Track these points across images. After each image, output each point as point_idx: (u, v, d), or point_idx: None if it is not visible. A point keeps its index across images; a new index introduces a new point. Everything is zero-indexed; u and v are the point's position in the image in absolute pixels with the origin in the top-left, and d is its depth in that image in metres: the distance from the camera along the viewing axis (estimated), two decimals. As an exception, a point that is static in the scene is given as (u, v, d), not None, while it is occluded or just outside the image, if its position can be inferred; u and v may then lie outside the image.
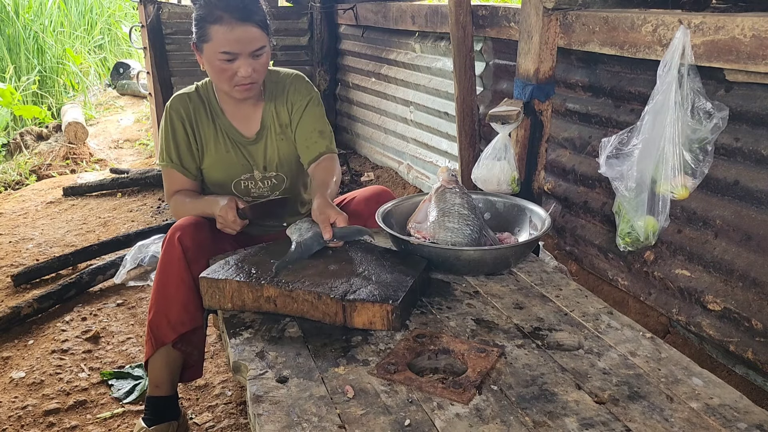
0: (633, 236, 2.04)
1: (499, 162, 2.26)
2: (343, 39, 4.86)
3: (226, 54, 1.72)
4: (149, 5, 4.31)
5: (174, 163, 1.89)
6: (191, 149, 1.90)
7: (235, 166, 1.93)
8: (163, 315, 1.70)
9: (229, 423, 2.02)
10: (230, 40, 1.71)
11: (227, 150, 1.92)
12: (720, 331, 1.99)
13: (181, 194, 1.90)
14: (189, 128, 1.89)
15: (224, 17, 1.70)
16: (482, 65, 3.23)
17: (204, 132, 1.90)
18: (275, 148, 1.95)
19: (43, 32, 7.12)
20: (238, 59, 1.74)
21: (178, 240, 1.69)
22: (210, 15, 1.71)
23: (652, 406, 1.14)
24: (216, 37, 1.71)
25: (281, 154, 1.96)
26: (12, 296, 2.90)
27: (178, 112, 1.88)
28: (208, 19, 1.72)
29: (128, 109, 7.29)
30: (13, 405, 2.12)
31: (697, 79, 1.82)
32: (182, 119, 1.88)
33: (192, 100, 1.90)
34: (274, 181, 1.98)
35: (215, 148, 1.91)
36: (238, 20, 1.71)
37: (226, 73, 1.76)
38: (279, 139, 1.95)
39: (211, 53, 1.74)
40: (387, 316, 1.37)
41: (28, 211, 4.11)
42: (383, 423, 1.09)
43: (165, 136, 1.89)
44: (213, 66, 1.76)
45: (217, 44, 1.72)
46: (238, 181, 1.95)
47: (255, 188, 1.97)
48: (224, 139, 1.91)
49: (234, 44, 1.71)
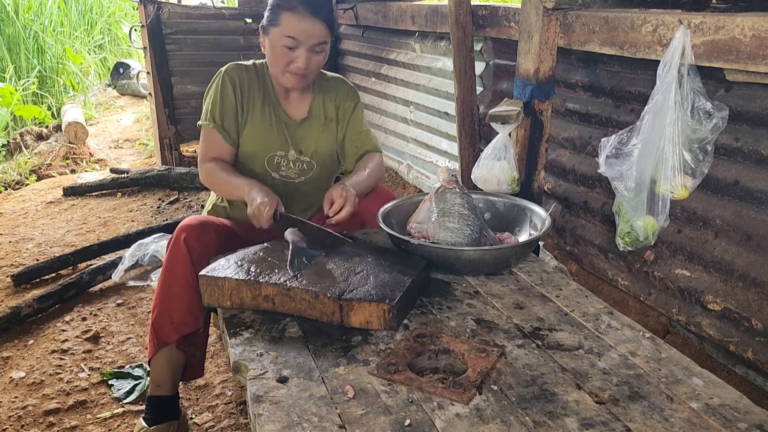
0: (633, 236, 2.04)
1: (499, 162, 2.26)
2: (343, 39, 4.86)
3: (290, 39, 1.81)
4: (149, 5, 4.31)
5: (216, 124, 1.92)
6: (236, 115, 1.95)
7: (274, 141, 1.97)
8: (166, 315, 1.71)
9: (229, 423, 2.02)
10: (296, 28, 1.80)
11: (270, 124, 1.97)
12: (720, 331, 1.99)
13: (216, 163, 1.93)
14: (239, 94, 1.94)
15: (298, 7, 1.80)
16: (482, 65, 3.23)
17: (253, 102, 1.96)
18: (315, 137, 2.01)
19: (43, 32, 7.12)
20: (299, 48, 1.82)
21: (184, 241, 1.69)
22: (286, 2, 1.81)
23: (652, 406, 1.14)
24: (285, 23, 1.80)
25: (319, 144, 2.02)
26: (12, 296, 2.90)
27: (232, 78, 1.94)
28: (283, 6, 1.81)
29: (128, 109, 7.30)
30: (13, 405, 2.12)
31: (697, 79, 1.82)
32: (234, 84, 1.94)
33: (248, 71, 1.97)
34: (305, 166, 2.02)
35: (260, 119, 1.96)
36: (309, 13, 1.80)
37: (283, 59, 1.84)
38: (321, 129, 2.03)
39: (276, 37, 1.82)
40: (384, 315, 1.37)
41: (28, 211, 4.11)
42: (383, 423, 1.09)
43: (213, 98, 1.94)
44: (274, 49, 1.84)
45: (284, 29, 1.81)
46: (272, 156, 1.98)
47: (285, 167, 2.00)
48: (270, 115, 1.97)
49: (299, 33, 1.80)
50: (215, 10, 4.68)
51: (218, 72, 1.97)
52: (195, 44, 4.57)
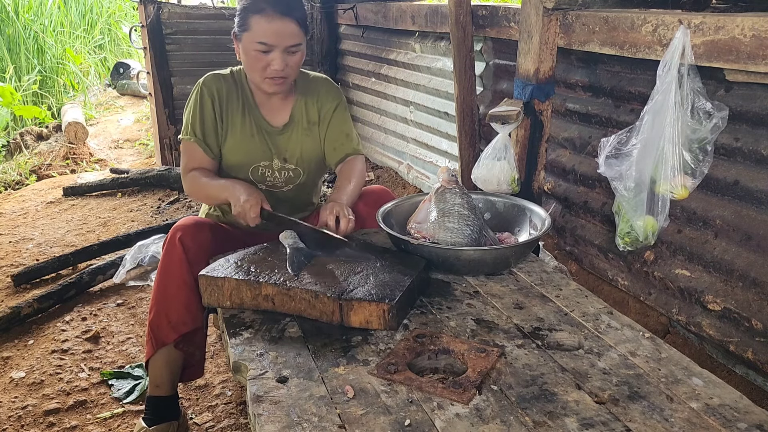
0: (632, 236, 2.04)
1: (499, 162, 2.26)
2: (343, 39, 4.86)
3: (262, 44, 1.76)
4: (149, 5, 4.31)
5: (197, 138, 1.89)
6: (216, 128, 1.91)
7: (257, 151, 1.94)
8: (163, 315, 1.70)
9: (229, 423, 2.02)
10: (268, 31, 1.75)
11: (252, 135, 1.93)
12: (720, 331, 1.99)
13: (198, 171, 1.90)
14: (218, 107, 1.91)
15: (267, 9, 1.75)
16: (482, 65, 3.23)
17: (232, 113, 1.92)
18: (299, 143, 1.97)
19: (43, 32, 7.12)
20: (273, 51, 1.78)
21: (179, 240, 1.69)
22: (253, 5, 1.76)
23: (652, 406, 1.14)
24: (255, 27, 1.76)
25: (304, 149, 1.98)
26: (12, 296, 2.90)
27: (209, 89, 1.90)
28: (251, 9, 1.77)
29: (128, 109, 7.30)
30: (13, 405, 2.12)
31: (697, 79, 1.82)
32: (213, 97, 1.90)
33: (226, 81, 1.93)
34: (291, 174, 1.98)
35: (240, 131, 1.92)
36: (279, 13, 1.76)
37: (259, 64, 1.79)
38: (305, 134, 1.98)
39: (249, 42, 1.78)
40: (383, 315, 1.37)
41: (28, 211, 4.11)
42: (383, 423, 1.09)
43: (192, 111, 1.91)
44: (248, 55, 1.80)
45: (255, 34, 1.76)
46: (256, 167, 1.95)
47: (271, 177, 1.97)
48: (251, 125, 1.93)
49: (271, 36, 1.76)
50: (215, 10, 4.68)
51: (196, 84, 1.93)
52: (195, 44, 4.57)
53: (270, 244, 1.69)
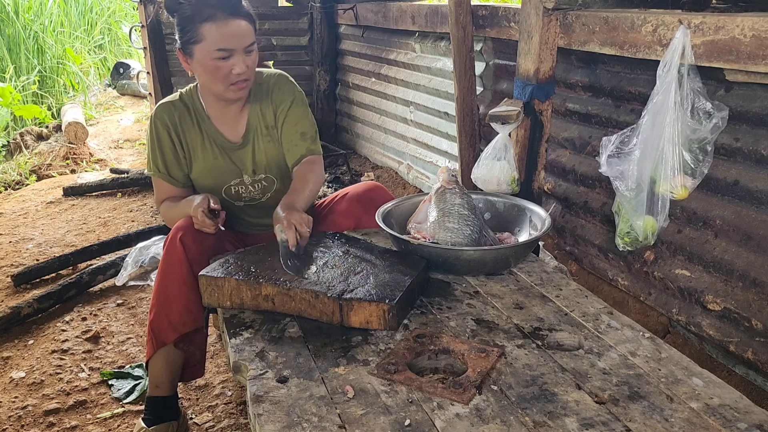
0: (632, 236, 2.04)
1: (499, 162, 2.26)
2: (343, 39, 4.86)
3: (222, 51, 1.69)
4: (149, 5, 4.32)
5: (161, 173, 1.88)
6: (178, 158, 1.88)
7: (224, 172, 1.91)
8: (164, 315, 1.70)
9: (229, 423, 2.02)
10: (225, 35, 1.68)
11: (215, 157, 1.89)
12: (720, 331, 1.99)
13: (168, 201, 1.91)
14: (175, 137, 1.86)
15: (216, 14, 1.67)
16: (482, 65, 3.23)
17: (191, 140, 1.88)
18: (263, 151, 1.91)
19: (43, 32, 7.12)
20: (233, 56, 1.71)
21: (180, 240, 1.69)
22: (200, 14, 1.68)
23: (652, 406, 1.14)
24: (209, 35, 1.68)
25: (269, 156, 1.92)
26: (12, 296, 2.89)
27: (163, 121, 1.85)
28: (198, 19, 1.68)
29: (128, 109, 7.29)
30: (13, 405, 2.12)
31: (697, 79, 1.82)
32: (167, 128, 1.85)
33: (177, 108, 1.87)
34: (264, 183, 1.95)
35: (203, 155, 1.89)
36: (230, 15, 1.69)
37: (220, 72, 1.72)
38: (266, 141, 1.91)
39: (205, 53, 1.70)
40: (383, 315, 1.37)
41: (28, 211, 4.11)
42: (383, 423, 1.09)
43: (151, 146, 1.87)
44: (206, 67, 1.72)
45: (211, 42, 1.68)
46: (228, 187, 1.92)
47: (246, 192, 1.94)
48: (211, 146, 1.89)
49: (229, 40, 1.69)
50: (215, 10, 4.68)
51: (149, 118, 1.87)
52: (195, 44, 4.57)
53: (270, 245, 1.69)
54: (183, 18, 1.72)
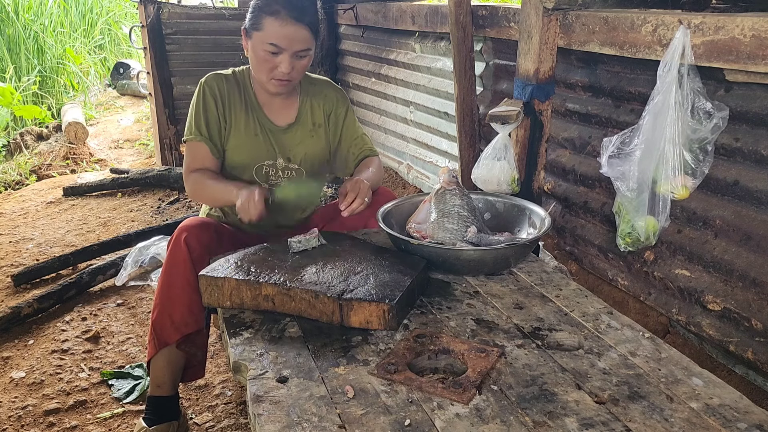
0: (633, 236, 2.04)
1: (499, 162, 2.26)
2: (343, 39, 4.86)
3: (273, 46, 1.76)
4: (149, 5, 4.32)
5: (203, 137, 1.88)
6: (219, 127, 1.91)
7: (261, 151, 1.94)
8: (167, 315, 1.70)
9: (229, 423, 2.02)
10: (280, 34, 1.75)
11: (255, 134, 1.93)
12: (720, 331, 1.99)
13: (202, 173, 1.89)
14: (221, 106, 1.90)
15: (281, 12, 1.75)
16: (482, 65, 3.23)
17: (235, 113, 1.92)
18: (304, 142, 1.98)
19: (43, 32, 7.12)
20: (282, 54, 1.78)
21: (185, 241, 1.69)
22: (268, 6, 1.76)
23: (652, 406, 1.14)
24: (267, 28, 1.76)
25: (308, 150, 1.99)
26: (12, 296, 2.90)
27: (212, 89, 1.90)
28: (265, 10, 1.76)
29: (128, 109, 7.30)
30: (13, 405, 2.12)
31: (697, 79, 1.82)
32: (215, 96, 1.90)
33: (228, 81, 1.92)
34: (294, 174, 1.98)
35: (244, 130, 1.92)
36: (292, 18, 1.75)
37: (267, 64, 1.80)
38: (309, 135, 1.99)
39: (259, 42, 1.78)
40: (383, 315, 1.37)
41: (28, 211, 4.11)
42: (383, 423, 1.09)
43: (196, 110, 1.89)
44: (257, 54, 1.80)
45: (266, 35, 1.76)
46: (260, 166, 1.95)
47: (274, 176, 1.97)
48: (255, 124, 1.93)
49: (282, 39, 1.76)
50: (215, 10, 4.68)
51: (198, 84, 1.92)
52: (195, 44, 4.58)
53: (270, 245, 1.69)
54: (255, 4, 1.80)
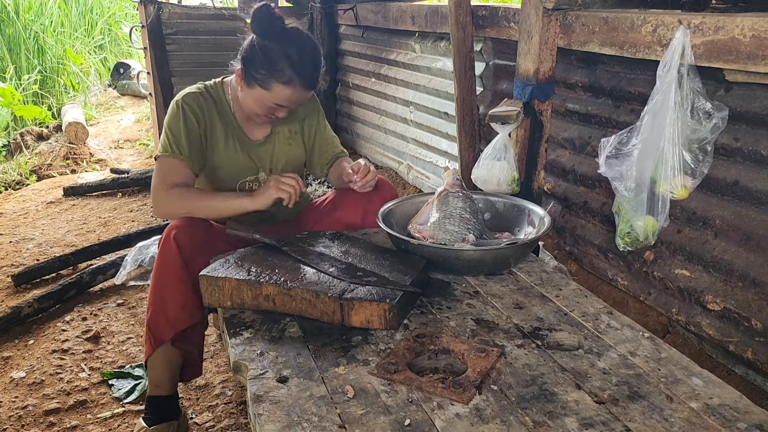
0: (632, 236, 2.04)
1: (499, 162, 2.26)
2: (343, 39, 4.86)
3: (278, 106, 1.82)
4: (149, 5, 4.32)
5: (183, 156, 1.82)
6: (201, 147, 1.89)
7: (243, 167, 1.95)
8: (161, 313, 1.71)
9: (229, 423, 2.02)
10: (289, 99, 1.81)
11: (236, 151, 1.94)
12: (720, 331, 1.99)
13: (186, 187, 1.82)
14: (201, 125, 1.88)
15: (294, 81, 1.76)
16: (482, 65, 3.23)
17: (215, 132, 1.91)
18: (283, 152, 2.01)
19: (43, 32, 7.12)
20: (285, 108, 1.84)
21: (174, 238, 1.69)
22: (280, 74, 1.75)
23: (652, 406, 1.14)
24: (276, 92, 1.78)
25: (288, 157, 2.02)
26: (12, 296, 2.90)
27: (191, 108, 1.87)
28: (277, 77, 1.76)
29: (128, 109, 7.29)
30: (14, 405, 2.13)
31: (697, 79, 1.82)
32: (196, 115, 1.88)
33: (205, 99, 1.91)
34: None
35: (224, 148, 1.92)
36: (304, 88, 1.80)
37: (265, 110, 1.84)
38: (287, 143, 2.02)
39: (262, 96, 1.80)
40: (384, 315, 1.37)
41: (28, 211, 4.11)
42: (383, 423, 1.09)
43: (176, 127, 1.84)
44: (256, 102, 1.82)
45: (274, 96, 1.79)
46: (243, 182, 1.96)
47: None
48: (234, 141, 1.94)
49: (289, 102, 1.82)
50: (215, 10, 4.68)
51: (174, 102, 1.88)
52: (195, 44, 4.57)
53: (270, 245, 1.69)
54: (267, 58, 1.76)
